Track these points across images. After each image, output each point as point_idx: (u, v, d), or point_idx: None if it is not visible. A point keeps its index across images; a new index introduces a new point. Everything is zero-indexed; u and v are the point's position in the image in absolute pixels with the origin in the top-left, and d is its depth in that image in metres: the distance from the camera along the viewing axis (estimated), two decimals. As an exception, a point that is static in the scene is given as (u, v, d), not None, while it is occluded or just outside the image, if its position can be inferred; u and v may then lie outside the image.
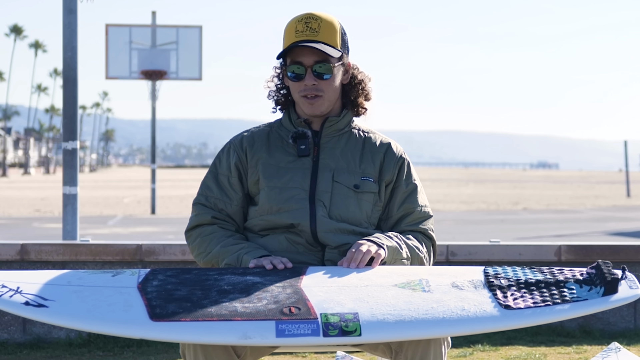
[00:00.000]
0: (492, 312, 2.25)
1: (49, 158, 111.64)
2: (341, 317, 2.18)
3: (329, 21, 2.70)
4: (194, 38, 21.60)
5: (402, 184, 2.77)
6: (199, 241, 2.72)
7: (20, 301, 2.20)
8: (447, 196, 31.54)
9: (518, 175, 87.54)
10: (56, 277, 2.37)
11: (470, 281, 2.40)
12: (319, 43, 2.66)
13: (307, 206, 2.66)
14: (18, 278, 2.33)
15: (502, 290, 2.35)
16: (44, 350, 4.88)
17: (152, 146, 22.87)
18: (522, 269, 2.50)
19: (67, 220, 6.46)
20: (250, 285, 2.34)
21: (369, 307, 2.23)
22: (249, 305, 2.22)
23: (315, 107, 2.71)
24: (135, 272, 2.44)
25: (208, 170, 2.81)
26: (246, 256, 2.59)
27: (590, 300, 2.32)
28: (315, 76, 2.68)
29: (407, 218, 2.75)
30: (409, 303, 2.26)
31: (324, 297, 2.27)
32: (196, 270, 2.46)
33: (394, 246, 2.61)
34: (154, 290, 2.30)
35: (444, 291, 2.33)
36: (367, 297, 2.28)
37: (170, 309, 2.20)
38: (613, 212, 22.33)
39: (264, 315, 2.17)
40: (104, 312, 2.19)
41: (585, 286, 2.37)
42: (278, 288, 2.32)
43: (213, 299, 2.25)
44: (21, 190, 38.90)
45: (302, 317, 2.18)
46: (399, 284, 2.37)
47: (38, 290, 2.26)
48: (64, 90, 6.65)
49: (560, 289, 2.36)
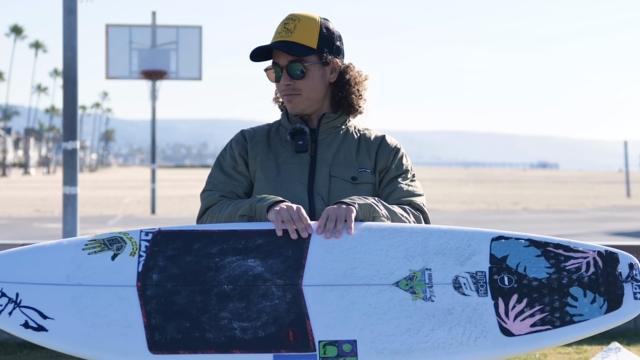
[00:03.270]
0: (491, 341, 2.22)
1: (49, 158, 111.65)
2: (339, 349, 2.17)
3: (307, 21, 2.72)
4: (194, 38, 21.62)
5: (392, 169, 2.76)
6: (211, 216, 2.67)
7: (19, 322, 2.20)
8: (447, 196, 31.53)
9: (518, 175, 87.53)
10: (55, 265, 2.32)
11: (474, 277, 2.33)
12: (289, 43, 2.68)
13: (306, 199, 2.67)
14: (18, 273, 2.29)
15: (504, 300, 2.29)
16: (44, 350, 4.88)
17: (152, 146, 22.88)
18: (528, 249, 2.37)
19: (67, 220, 6.46)
20: (251, 282, 2.30)
21: (368, 334, 2.20)
22: (247, 326, 2.20)
23: (295, 105, 2.73)
24: (136, 244, 2.37)
25: (212, 167, 2.82)
26: (259, 204, 2.54)
27: (592, 321, 2.27)
28: (289, 76, 2.71)
29: (393, 194, 2.72)
30: (409, 323, 2.23)
31: (324, 313, 2.24)
32: (198, 244, 2.39)
33: (367, 203, 2.55)
34: (153, 296, 2.27)
35: (446, 299, 2.28)
36: (367, 315, 2.24)
37: (169, 334, 2.19)
38: (613, 212, 22.33)
39: (263, 345, 2.16)
40: (103, 338, 2.18)
41: (589, 293, 2.31)
42: (278, 290, 2.29)
43: (212, 311, 2.23)
44: (21, 190, 38.90)
45: (300, 348, 2.16)
46: (401, 283, 2.33)
47: (37, 298, 2.23)
48: (64, 90, 6.65)
49: (563, 299, 2.30)
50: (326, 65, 2.75)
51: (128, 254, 2.35)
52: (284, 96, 2.75)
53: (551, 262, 2.36)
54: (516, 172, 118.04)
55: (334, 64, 2.77)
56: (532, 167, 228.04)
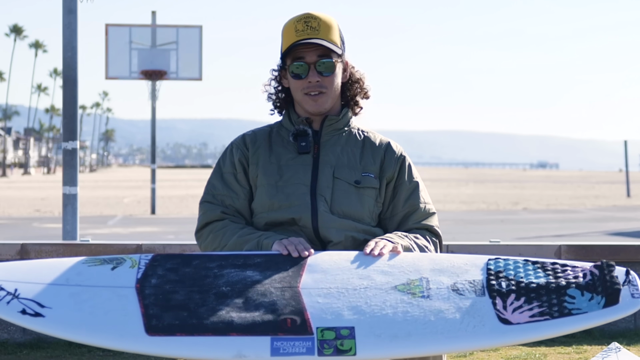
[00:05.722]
0: (490, 328, 2.22)
1: (49, 158, 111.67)
2: (337, 334, 2.16)
3: (327, 20, 2.74)
4: (194, 38, 21.60)
5: (404, 182, 2.78)
6: (212, 237, 2.70)
7: (17, 309, 2.19)
8: (447, 196, 31.53)
9: (518, 175, 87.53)
10: (54, 272, 2.34)
11: (471, 283, 2.36)
12: (322, 40, 2.69)
13: (309, 201, 2.67)
14: (17, 276, 2.31)
15: (502, 298, 2.30)
16: (44, 350, 4.88)
17: (152, 146, 22.87)
18: (524, 265, 2.44)
19: (67, 220, 6.46)
20: (249, 285, 2.31)
21: (366, 321, 2.20)
22: (245, 315, 2.20)
23: (320, 104, 2.72)
24: (135, 261, 2.40)
25: (212, 172, 2.82)
26: (266, 241, 2.57)
27: (591, 313, 2.27)
28: (318, 72, 2.70)
29: (412, 216, 2.76)
30: (406, 314, 2.23)
31: (322, 304, 2.25)
32: (196, 261, 2.42)
33: (407, 245, 2.62)
34: (152, 294, 2.28)
35: (443, 297, 2.30)
36: (365, 305, 2.25)
37: (167, 320, 2.18)
38: (613, 212, 22.33)
39: (260, 329, 2.16)
40: (100, 323, 2.18)
41: (586, 293, 2.32)
42: (277, 290, 2.29)
43: (210, 305, 2.23)
44: (21, 190, 38.90)
45: (297, 332, 2.16)
46: (399, 286, 2.34)
47: (36, 293, 2.24)
48: (64, 90, 6.65)
49: (561, 297, 2.31)
50: (342, 64, 2.78)
51: (128, 267, 2.38)
52: (306, 95, 2.72)
53: (547, 272, 2.41)
54: (516, 172, 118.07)
55: (346, 63, 2.80)
56: (532, 167, 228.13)
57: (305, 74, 2.70)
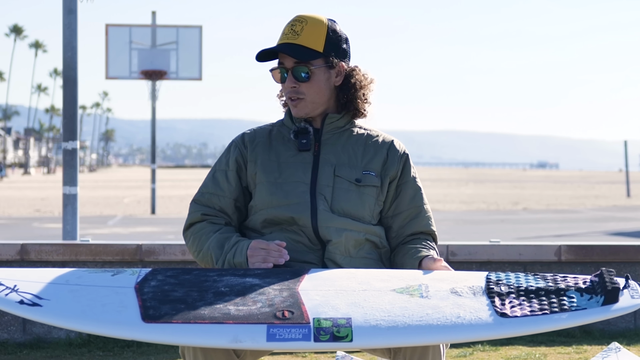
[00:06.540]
0: (487, 320, 2.22)
1: (49, 158, 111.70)
2: (334, 322, 2.16)
3: (314, 23, 2.71)
4: (194, 38, 21.61)
5: (409, 180, 2.79)
6: (192, 239, 2.74)
7: (14, 300, 2.20)
8: (447, 196, 31.54)
9: (518, 175, 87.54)
10: (55, 275, 2.37)
11: (470, 287, 2.37)
12: (295, 46, 2.67)
13: (308, 199, 2.66)
14: (17, 276, 2.33)
15: (500, 298, 2.32)
16: (44, 350, 4.88)
17: (152, 146, 22.87)
18: (525, 276, 2.47)
19: (67, 220, 6.46)
20: (248, 287, 2.33)
21: (363, 312, 2.21)
22: (242, 308, 2.21)
23: (299, 109, 2.73)
24: (136, 271, 2.43)
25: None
26: (235, 260, 2.60)
27: (590, 310, 2.28)
28: (295, 78, 2.70)
29: (417, 218, 2.77)
30: (404, 309, 2.24)
31: (320, 301, 2.26)
32: (196, 271, 2.46)
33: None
34: (150, 291, 2.29)
35: (442, 297, 2.31)
36: (363, 301, 2.26)
37: (164, 310, 2.19)
38: (613, 212, 22.33)
39: (256, 318, 2.16)
40: (97, 313, 2.19)
41: (585, 294, 2.34)
42: (275, 291, 2.31)
43: (208, 300, 2.24)
44: (21, 190, 38.91)
45: (294, 321, 2.16)
46: (397, 289, 2.35)
47: (35, 289, 2.26)
48: (64, 90, 6.65)
49: (560, 297, 2.33)
50: (332, 68, 2.73)
51: (128, 274, 2.42)
52: (288, 99, 2.74)
53: (547, 280, 2.44)
54: (516, 172, 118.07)
55: (339, 67, 2.75)
56: (532, 167, 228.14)
57: (284, 79, 2.72)
